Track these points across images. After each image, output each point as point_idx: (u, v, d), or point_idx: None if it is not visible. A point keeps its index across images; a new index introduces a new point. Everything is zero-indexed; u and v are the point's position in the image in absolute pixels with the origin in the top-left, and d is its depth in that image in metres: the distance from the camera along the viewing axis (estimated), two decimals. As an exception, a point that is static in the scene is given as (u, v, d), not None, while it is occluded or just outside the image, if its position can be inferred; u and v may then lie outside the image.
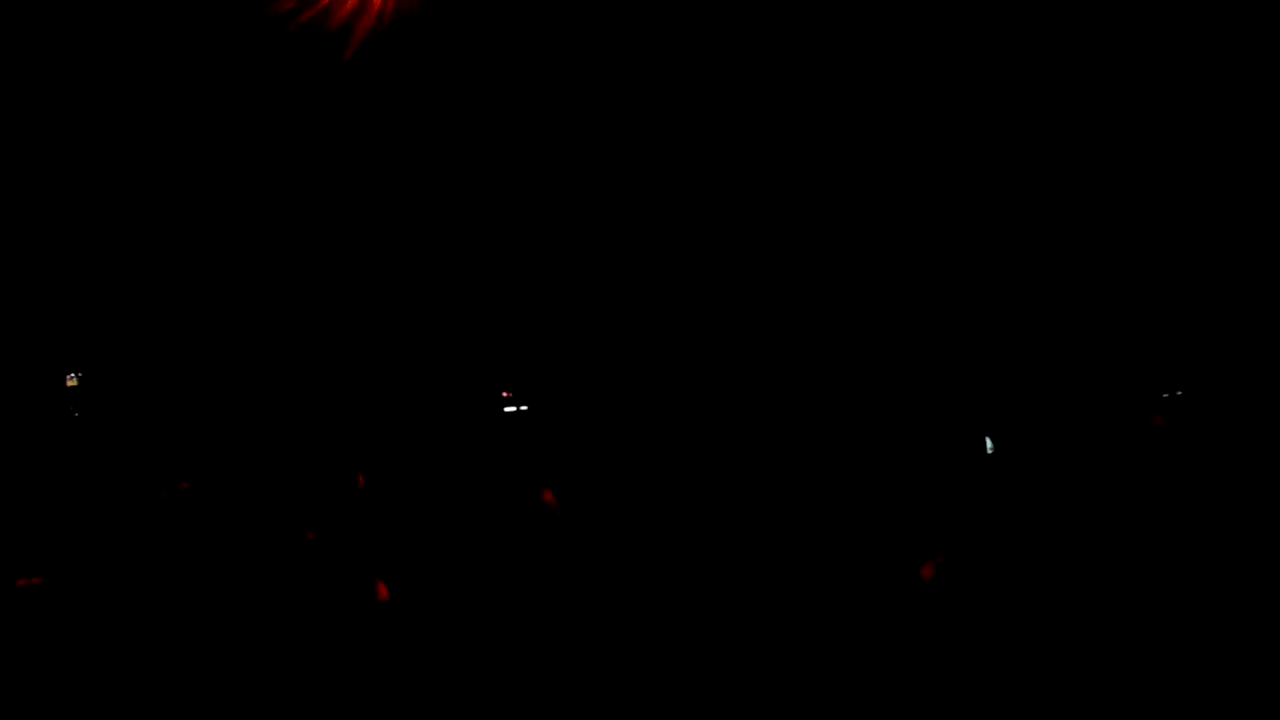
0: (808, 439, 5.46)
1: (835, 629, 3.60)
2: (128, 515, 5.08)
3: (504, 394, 5.96)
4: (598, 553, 4.22)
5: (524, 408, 6.02)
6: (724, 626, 3.64)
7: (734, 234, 5.77)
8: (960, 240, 5.53)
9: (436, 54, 5.48)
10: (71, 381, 5.13)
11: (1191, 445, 4.43)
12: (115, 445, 5.29)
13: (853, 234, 5.64)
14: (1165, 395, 5.35)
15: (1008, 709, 3.10)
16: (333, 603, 3.76)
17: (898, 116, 5.52)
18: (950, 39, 5.36)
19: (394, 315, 5.80)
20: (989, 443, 5.19)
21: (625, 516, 4.66)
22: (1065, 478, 4.34)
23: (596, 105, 5.72)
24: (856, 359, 5.60)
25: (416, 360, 5.86)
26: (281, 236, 5.64)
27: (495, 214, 5.82)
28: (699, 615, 3.72)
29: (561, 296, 5.91)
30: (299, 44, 5.15)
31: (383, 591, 3.79)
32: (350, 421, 5.79)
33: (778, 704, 3.19)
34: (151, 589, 4.18)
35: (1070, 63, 5.29)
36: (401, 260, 5.78)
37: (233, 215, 5.60)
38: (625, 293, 5.81)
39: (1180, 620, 3.34)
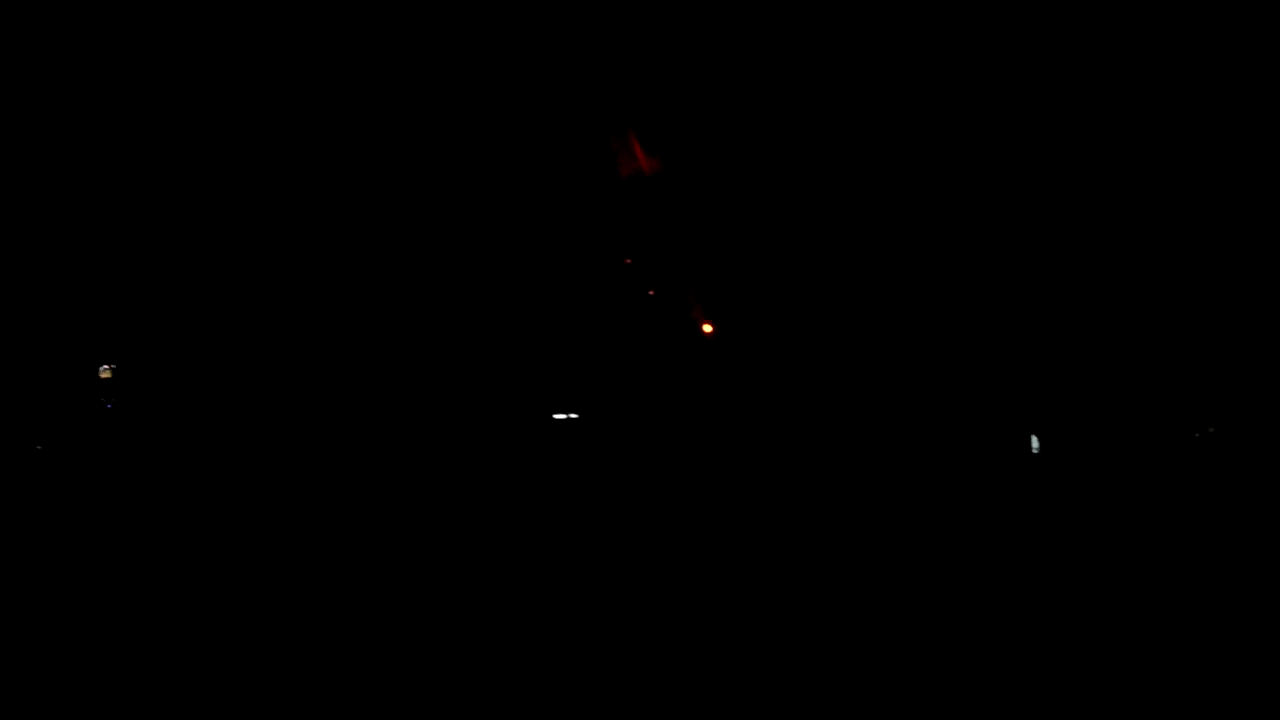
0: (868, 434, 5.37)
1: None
2: (159, 507, 5.09)
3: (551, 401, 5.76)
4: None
5: (573, 415, 5.79)
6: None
7: (802, 234, 5.68)
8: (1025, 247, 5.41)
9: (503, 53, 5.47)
10: (105, 373, 5.18)
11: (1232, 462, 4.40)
12: (147, 436, 5.31)
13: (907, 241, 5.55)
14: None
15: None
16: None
17: (953, 122, 5.43)
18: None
19: (438, 311, 5.75)
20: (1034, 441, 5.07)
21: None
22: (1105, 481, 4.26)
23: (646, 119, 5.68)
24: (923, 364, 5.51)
25: (456, 362, 5.78)
26: (326, 235, 5.66)
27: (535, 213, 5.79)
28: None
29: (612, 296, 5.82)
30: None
31: None
32: (385, 420, 5.75)
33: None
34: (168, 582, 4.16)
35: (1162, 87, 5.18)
36: (443, 258, 5.75)
37: (280, 211, 5.64)
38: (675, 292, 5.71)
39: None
